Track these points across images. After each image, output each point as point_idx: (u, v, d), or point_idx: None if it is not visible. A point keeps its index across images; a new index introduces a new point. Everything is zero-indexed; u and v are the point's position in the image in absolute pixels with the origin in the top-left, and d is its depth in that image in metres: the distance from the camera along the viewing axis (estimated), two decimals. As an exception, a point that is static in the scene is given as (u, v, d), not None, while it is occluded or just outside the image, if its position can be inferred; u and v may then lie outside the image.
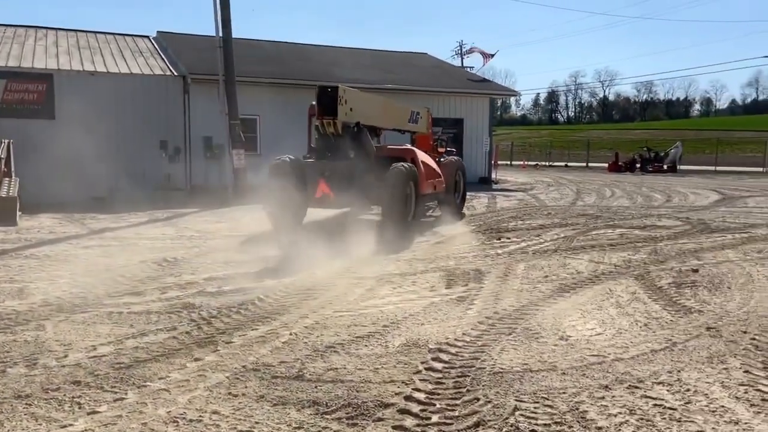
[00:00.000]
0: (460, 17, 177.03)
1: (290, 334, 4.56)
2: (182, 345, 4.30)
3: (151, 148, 17.49)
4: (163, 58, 19.99)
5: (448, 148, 13.86)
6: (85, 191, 14.41)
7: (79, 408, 3.27)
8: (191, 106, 18.18)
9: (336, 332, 4.63)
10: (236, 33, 16.52)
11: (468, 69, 42.29)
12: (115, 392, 3.47)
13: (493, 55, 32.23)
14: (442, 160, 12.42)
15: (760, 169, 33.93)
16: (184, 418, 3.15)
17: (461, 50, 55.28)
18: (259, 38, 25.63)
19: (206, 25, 73.32)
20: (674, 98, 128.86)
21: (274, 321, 4.92)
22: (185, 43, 22.11)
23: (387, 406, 3.29)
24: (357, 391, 3.49)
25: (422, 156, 11.01)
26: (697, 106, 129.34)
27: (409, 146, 11.65)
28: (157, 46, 21.60)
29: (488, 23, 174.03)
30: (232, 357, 4.07)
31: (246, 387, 3.57)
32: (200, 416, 3.17)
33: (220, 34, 15.78)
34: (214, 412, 3.23)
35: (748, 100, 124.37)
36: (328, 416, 3.18)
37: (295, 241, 8.76)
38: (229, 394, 3.47)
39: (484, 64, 35.83)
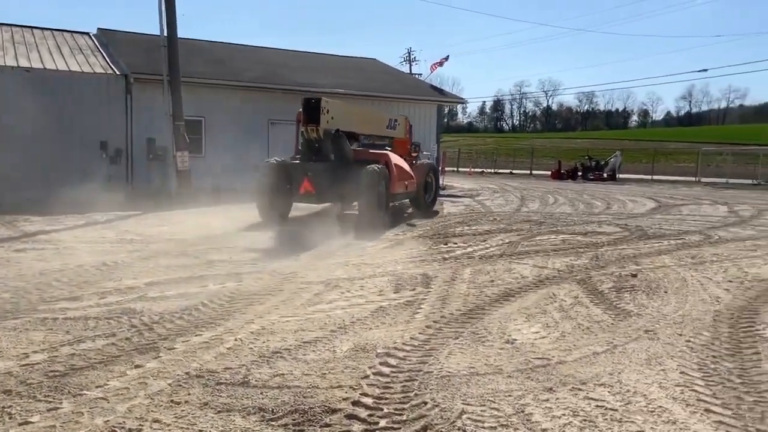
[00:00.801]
0: (409, 25, 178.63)
1: (235, 340, 4.47)
2: (122, 351, 4.15)
3: (90, 149, 16.91)
4: (104, 56, 19.37)
5: (423, 152, 15.74)
6: (20, 192, 13.79)
7: (10, 419, 3.11)
8: (134, 106, 17.67)
9: (283, 337, 4.56)
10: (182, 33, 16.19)
11: (416, 76, 42.67)
12: (49, 402, 3.31)
13: (445, 59, 32.64)
14: (415, 163, 14.04)
15: (693, 179, 35.44)
16: (123, 427, 3.04)
17: (410, 57, 55.81)
18: (205, 39, 25.20)
19: (150, 24, 71.51)
20: (614, 109, 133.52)
21: (219, 326, 4.81)
22: (128, 41, 21.52)
23: (334, 411, 3.26)
24: (304, 397, 3.45)
25: (395, 159, 12.60)
26: (635, 117, 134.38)
27: (384, 151, 13.03)
28: (97, 44, 20.92)
29: (436, 31, 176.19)
30: (175, 363, 3.95)
31: (189, 394, 3.47)
32: (140, 425, 3.07)
33: (165, 34, 15.41)
34: (155, 421, 3.13)
35: (682, 112, 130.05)
36: (274, 423, 3.12)
37: (244, 245, 8.63)
38: (171, 401, 3.37)
39: (432, 72, 36.24)
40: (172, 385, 3.59)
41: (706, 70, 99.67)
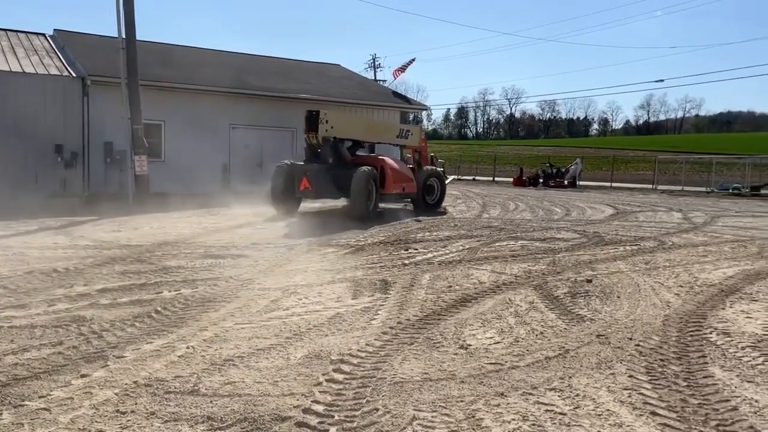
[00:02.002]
0: (373, 32, 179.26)
1: (187, 348, 4.39)
2: (68, 360, 4.04)
3: (45, 152, 16.48)
4: (60, 58, 18.92)
5: (439, 161, 18.66)
6: (-32, 197, 13.34)
7: (-56, 432, 2.99)
8: (90, 109, 17.30)
9: (236, 345, 4.50)
10: (141, 35, 15.93)
11: (381, 82, 42.82)
12: (-12, 413, 3.20)
13: (410, 63, 32.81)
14: (426, 168, 16.37)
15: (650, 186, 36.34)
16: (64, 439, 2.95)
17: (374, 63, 55.97)
18: (166, 42, 24.85)
19: (108, 26, 70.13)
20: (575, 117, 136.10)
21: (171, 334, 4.72)
22: (85, 43, 21.07)
23: (284, 419, 3.23)
24: (254, 405, 3.40)
25: (391, 164, 14.80)
26: (595, 126, 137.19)
27: (381, 156, 15.28)
28: (53, 45, 20.42)
29: (401, 38, 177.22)
30: (123, 372, 3.86)
31: (136, 404, 3.39)
32: (83, 436, 2.98)
33: (123, 36, 15.13)
34: (99, 431, 3.05)
35: (641, 121, 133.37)
36: (222, 431, 3.08)
37: (202, 251, 8.51)
38: (117, 411, 3.29)
39: (395, 78, 36.38)
40: (119, 394, 3.51)
41: (662, 81, 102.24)
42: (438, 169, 17.11)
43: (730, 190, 31.30)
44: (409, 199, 15.95)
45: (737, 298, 6.43)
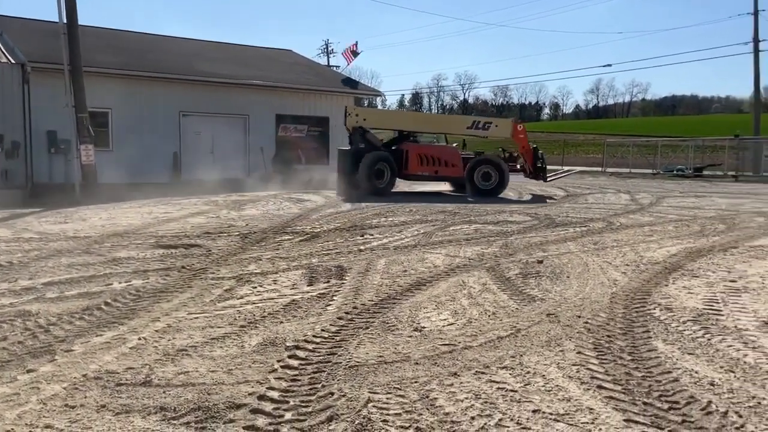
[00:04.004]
0: (325, 17, 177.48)
1: (139, 339, 4.32)
2: (13, 356, 3.92)
3: (-16, 142, 15.84)
4: (-2, 44, 18.15)
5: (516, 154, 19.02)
6: None
7: None
8: (32, 97, 16.70)
9: (189, 335, 4.45)
10: (85, 20, 15.39)
11: (334, 68, 42.52)
12: (-72, 413, 3.09)
13: (357, 54, 32.54)
14: (483, 157, 17.65)
15: (599, 169, 37.24)
16: (10, 435, 2.88)
17: (327, 49, 55.49)
18: (111, 27, 24.08)
19: (49, 10, 67.47)
20: (527, 102, 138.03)
21: (122, 326, 4.63)
22: (24, 28, 20.27)
23: (239, 406, 3.22)
24: (208, 394, 3.38)
25: (419, 149, 17.24)
26: (546, 110, 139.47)
27: (408, 143, 17.42)
28: (-9, 30, 19.57)
29: (353, 24, 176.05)
30: (72, 366, 3.77)
31: (85, 397, 3.33)
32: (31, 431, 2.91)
33: (64, 20, 14.59)
34: (47, 426, 2.98)
35: (591, 105, 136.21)
36: (175, 422, 3.05)
37: (153, 241, 8.35)
38: (66, 405, 3.22)
39: (348, 63, 36.11)
40: (68, 388, 3.43)
41: (610, 65, 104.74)
42: (481, 156, 17.75)
43: (675, 172, 32.39)
44: (451, 182, 18.11)
45: (680, 275, 6.69)
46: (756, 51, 33.31)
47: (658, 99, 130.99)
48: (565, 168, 28.71)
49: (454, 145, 18.64)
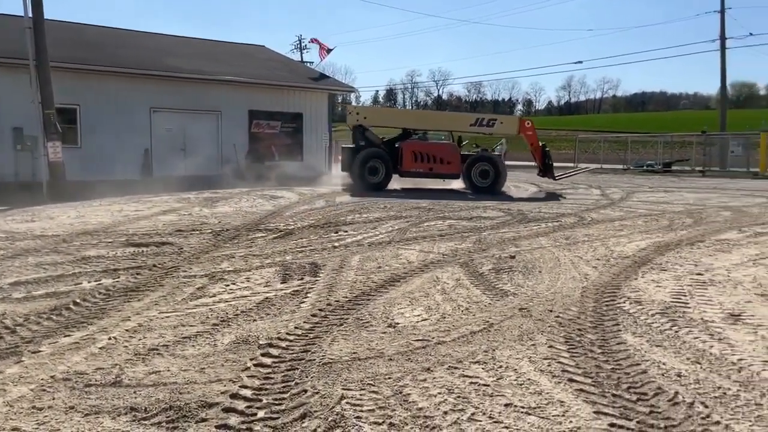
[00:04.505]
0: (298, 13, 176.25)
1: (109, 339, 4.26)
2: (-22, 358, 3.83)
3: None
4: (-40, 38, 17.69)
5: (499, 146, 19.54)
6: None
7: None
8: (-3, 92, 16.29)
9: (161, 334, 4.40)
10: (52, 14, 15.07)
11: (307, 64, 42.29)
12: None
13: (331, 50, 32.36)
14: (477, 154, 17.86)
15: (572, 164, 37.70)
16: (-25, 439, 2.82)
17: (300, 45, 55.16)
18: (79, 21, 23.62)
19: (14, 3, 65.82)
20: (500, 99, 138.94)
21: (92, 326, 4.56)
22: (-11, 21, 19.77)
23: (211, 405, 3.19)
24: (180, 393, 3.35)
25: (413, 147, 17.45)
26: (519, 107, 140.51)
27: (408, 141, 17.69)
28: (-47, 24, 19.06)
29: (327, 19, 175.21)
30: (39, 367, 3.70)
31: (54, 399, 3.27)
32: (-4, 435, 2.86)
33: (30, 14, 14.27)
34: (14, 429, 2.93)
35: (563, 102, 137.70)
36: (146, 422, 3.01)
37: (124, 240, 8.23)
38: (34, 407, 3.16)
39: (322, 60, 35.93)
40: (35, 390, 3.37)
41: (581, 62, 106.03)
42: (478, 154, 17.90)
43: (645, 168, 32.94)
44: (447, 179, 18.20)
45: (649, 269, 6.81)
46: (722, 48, 34.02)
47: (628, 95, 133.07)
48: (582, 165, 28.91)
49: (465, 142, 18.80)
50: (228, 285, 5.94)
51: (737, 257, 7.48)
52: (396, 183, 18.39)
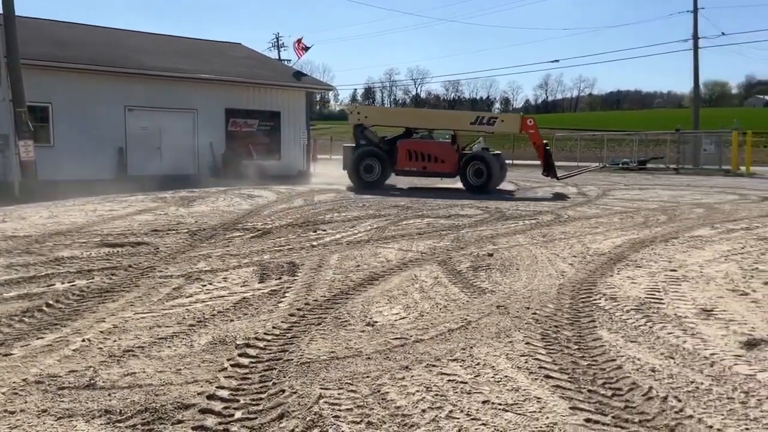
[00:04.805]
0: (275, 11, 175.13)
1: (83, 341, 4.19)
2: (-53, 362, 3.75)
3: None
4: (-72, 34, 17.25)
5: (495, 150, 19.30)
6: None
7: None
8: (-34, 90, 15.93)
9: (136, 335, 4.35)
10: (23, 11, 14.80)
11: (285, 62, 42.07)
12: None
13: (308, 48, 32.18)
14: (471, 152, 17.61)
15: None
16: (-56, 445, 2.76)
17: (278, 43, 54.86)
18: (51, 18, 23.23)
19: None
20: (478, 97, 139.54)
21: (65, 327, 4.49)
22: (-42, 18, 19.32)
23: (188, 407, 3.16)
24: (156, 395, 3.31)
25: (408, 145, 17.62)
26: (497, 105, 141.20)
27: (403, 140, 17.85)
28: None
29: (305, 17, 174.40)
30: (11, 370, 3.64)
31: (26, 402, 3.21)
32: (-34, 441, 2.80)
33: (0, 11, 13.99)
34: (-15, 435, 2.87)
35: (540, 100, 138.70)
36: (121, 424, 2.98)
37: (98, 240, 8.11)
38: (5, 411, 3.10)
39: (299, 57, 35.72)
40: (7, 393, 3.31)
41: (557, 61, 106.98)
42: (473, 152, 17.68)
43: (621, 165, 33.33)
44: (442, 177, 18.34)
45: (624, 266, 6.90)
46: (695, 48, 34.55)
47: (604, 94, 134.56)
48: (583, 164, 28.94)
49: (478, 140, 18.75)
50: (205, 285, 5.88)
51: (710, 253, 7.62)
52: (403, 182, 18.54)
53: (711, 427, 3.02)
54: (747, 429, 3.00)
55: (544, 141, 18.53)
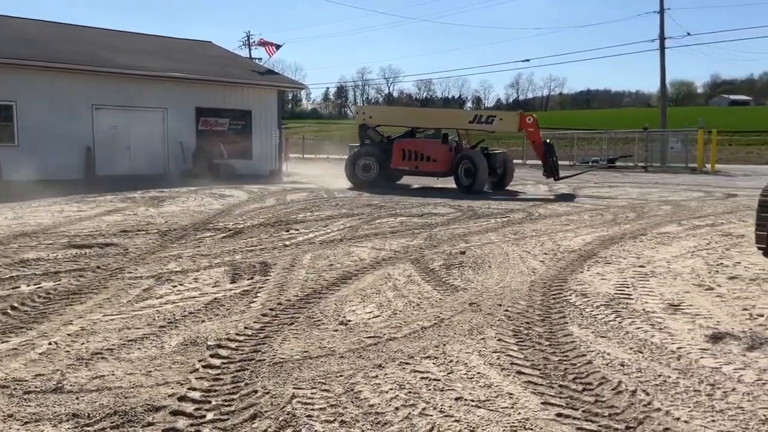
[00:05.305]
0: (246, 8, 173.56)
1: (50, 344, 4.11)
2: None
3: None
4: None
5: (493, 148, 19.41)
6: None
7: None
8: (-74, 88, 15.50)
9: (105, 337, 4.27)
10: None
11: (256, 60, 41.75)
12: None
13: (279, 47, 31.96)
14: (464, 152, 17.07)
15: (520, 161, 38.37)
16: None
17: (249, 41, 54.42)
18: (15, 15, 22.70)
19: (-52, -4, 62.48)
20: (450, 96, 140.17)
21: (31, 331, 4.39)
22: None
23: (158, 409, 3.12)
24: (125, 398, 3.26)
25: (403, 144, 17.60)
26: (469, 104, 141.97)
27: (400, 139, 17.99)
28: None
29: (274, 16, 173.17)
30: (-26, 376, 3.54)
31: (-10, 408, 3.13)
32: (-73, 448, 2.72)
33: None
34: (-53, 442, 2.79)
35: (511, 99, 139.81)
36: (89, 428, 2.92)
37: (66, 241, 7.95)
38: (-32, 418, 3.02)
39: (270, 56, 35.43)
40: (-30, 399, 3.22)
41: (528, 60, 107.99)
42: (465, 152, 17.19)
43: (590, 164, 33.77)
44: (436, 177, 18.10)
45: (594, 262, 7.00)
46: (662, 48, 35.19)
47: (574, 93, 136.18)
48: (581, 163, 28.83)
49: (481, 141, 18.63)
50: (175, 286, 5.81)
51: (677, 249, 7.77)
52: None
53: (678, 419, 3.08)
54: (713, 420, 3.07)
55: (547, 140, 18.01)
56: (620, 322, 4.68)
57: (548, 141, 17.77)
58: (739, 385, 3.50)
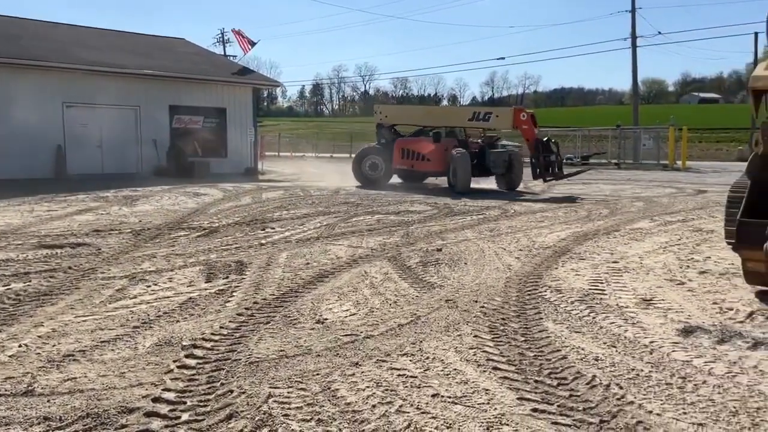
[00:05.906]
0: (220, 5, 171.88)
1: (20, 346, 4.02)
2: None
3: None
4: None
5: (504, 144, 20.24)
6: None
7: None
8: None
9: (77, 339, 4.20)
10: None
11: (231, 58, 41.38)
12: None
13: (255, 43, 31.68)
14: (454, 153, 16.33)
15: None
16: None
17: (223, 38, 53.91)
18: (-19, 10, 22.17)
19: None
20: (426, 94, 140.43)
21: (0, 333, 4.30)
22: None
23: (132, 410, 3.08)
24: (98, 400, 3.21)
25: (403, 143, 17.51)
26: (445, 102, 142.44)
27: (401, 139, 17.85)
28: None
29: (249, 12, 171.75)
30: (-59, 380, 3.46)
31: (-42, 412, 3.06)
32: None
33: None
34: None
35: (486, 97, 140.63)
36: (61, 431, 2.87)
37: (36, 241, 7.80)
38: (-65, 423, 2.95)
39: (245, 53, 35.11)
40: (-63, 404, 3.15)
41: (503, 58, 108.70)
42: (458, 151, 16.48)
43: (565, 161, 34.08)
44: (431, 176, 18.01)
45: (568, 258, 7.08)
46: (634, 47, 35.72)
47: (548, 91, 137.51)
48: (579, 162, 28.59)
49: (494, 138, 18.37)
50: (149, 286, 5.74)
51: (649, 245, 7.89)
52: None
53: (651, 412, 3.13)
54: (684, 413, 3.13)
55: (547, 137, 17.33)
56: (594, 318, 4.74)
57: (545, 139, 16.59)
58: (710, 377, 3.57)
